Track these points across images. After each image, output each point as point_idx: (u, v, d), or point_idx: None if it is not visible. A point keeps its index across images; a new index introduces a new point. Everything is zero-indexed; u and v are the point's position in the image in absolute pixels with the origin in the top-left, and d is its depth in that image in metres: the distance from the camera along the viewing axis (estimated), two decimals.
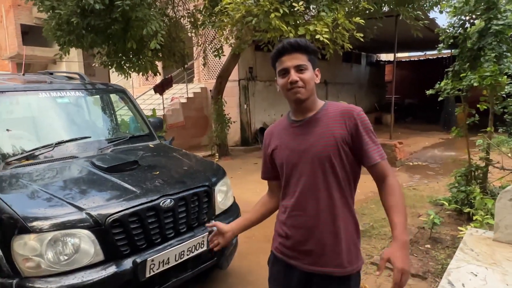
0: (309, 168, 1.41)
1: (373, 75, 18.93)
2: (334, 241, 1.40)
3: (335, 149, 1.38)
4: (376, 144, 1.41)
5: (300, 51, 1.41)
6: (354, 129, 1.38)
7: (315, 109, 1.45)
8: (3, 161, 2.61)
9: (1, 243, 1.99)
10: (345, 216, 1.42)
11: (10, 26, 16.96)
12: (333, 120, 1.40)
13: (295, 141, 1.45)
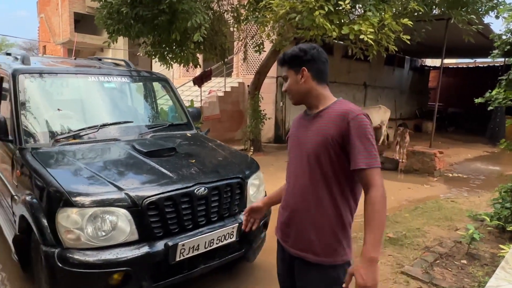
0: (301, 160, 1.53)
1: (416, 81, 18.18)
2: (310, 230, 1.49)
3: (324, 148, 1.44)
4: (367, 150, 1.38)
5: (283, 64, 1.59)
6: (346, 131, 1.40)
7: (321, 106, 1.54)
8: (53, 138, 2.78)
9: (46, 214, 2.12)
10: (327, 210, 1.47)
11: (64, 13, 17.96)
12: (330, 120, 1.46)
13: (300, 132, 1.58)
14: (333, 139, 1.42)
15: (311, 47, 1.56)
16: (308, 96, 1.56)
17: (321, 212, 1.47)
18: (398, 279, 3.04)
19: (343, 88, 13.34)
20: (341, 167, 1.44)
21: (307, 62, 1.54)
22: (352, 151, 1.39)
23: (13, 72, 2.96)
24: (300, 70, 1.54)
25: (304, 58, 1.53)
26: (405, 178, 7.01)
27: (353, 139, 1.38)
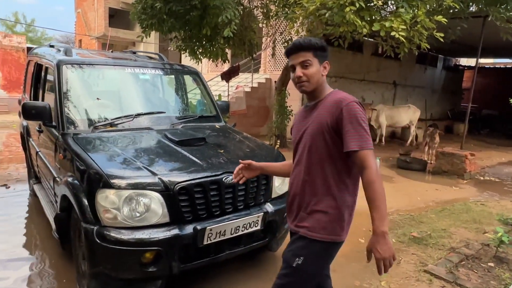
0: (302, 146, 1.67)
1: (449, 80, 17.56)
2: (300, 202, 1.67)
3: (320, 134, 1.57)
4: (359, 133, 1.48)
5: (304, 50, 1.59)
6: (339, 117, 1.52)
7: (321, 97, 1.65)
8: (92, 125, 2.97)
9: (87, 194, 2.29)
10: (318, 186, 1.61)
11: (100, 9, 18.63)
12: (326, 108, 1.58)
13: (302, 122, 1.71)
14: (328, 125, 1.55)
15: (319, 39, 1.67)
16: (320, 87, 1.65)
17: (313, 194, 1.62)
18: (421, 277, 3.03)
19: (371, 86, 13.13)
20: (337, 150, 1.56)
21: (328, 56, 1.66)
22: (345, 134, 1.50)
23: (57, 63, 3.17)
24: (323, 61, 1.63)
25: (327, 51, 1.64)
26: (433, 180, 6.85)
27: (346, 123, 1.50)
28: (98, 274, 2.24)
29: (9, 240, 3.45)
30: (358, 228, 4.12)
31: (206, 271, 2.91)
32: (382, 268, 1.45)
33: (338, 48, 9.06)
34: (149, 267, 2.21)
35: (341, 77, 11.90)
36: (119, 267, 2.20)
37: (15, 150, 7.42)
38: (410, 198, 5.46)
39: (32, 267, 3.01)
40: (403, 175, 7.04)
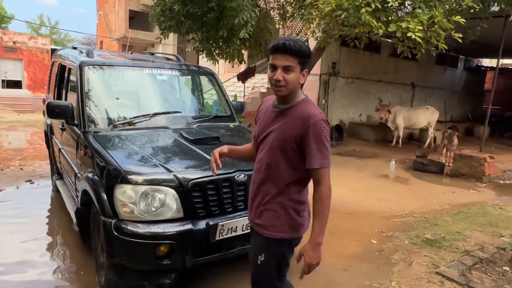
0: (265, 147, 1.71)
1: (470, 82, 17.15)
2: (257, 199, 1.75)
3: (284, 142, 1.63)
4: (321, 152, 1.58)
5: (291, 53, 1.56)
6: (305, 134, 1.58)
7: (292, 103, 1.67)
8: (111, 124, 3.10)
9: (106, 189, 2.40)
10: (275, 187, 1.70)
11: (120, 11, 19.08)
12: (294, 120, 1.62)
13: (268, 123, 1.73)
14: (293, 138, 1.61)
15: (302, 42, 1.61)
16: (293, 93, 1.66)
17: (269, 194, 1.71)
18: (432, 279, 3.03)
19: (389, 87, 12.98)
20: (296, 160, 1.64)
21: (308, 59, 1.63)
22: (308, 152, 1.59)
23: (80, 64, 3.32)
24: (304, 69, 1.63)
25: (308, 54, 1.61)
26: (450, 182, 6.74)
27: (311, 141, 1.57)
28: (115, 266, 2.35)
29: (33, 233, 3.62)
30: (370, 230, 4.12)
31: (218, 268, 2.99)
32: (305, 271, 1.63)
33: (354, 49, 9.04)
34: (164, 260, 2.31)
35: (358, 78, 11.82)
36: (135, 259, 2.31)
37: (39, 147, 7.72)
38: (425, 201, 5.40)
39: (54, 259, 3.16)
40: (419, 177, 6.95)
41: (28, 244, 3.35)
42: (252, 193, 1.81)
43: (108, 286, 2.43)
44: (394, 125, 10.69)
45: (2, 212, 4.12)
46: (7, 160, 6.59)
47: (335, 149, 9.64)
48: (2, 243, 3.34)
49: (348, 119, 11.89)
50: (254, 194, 1.78)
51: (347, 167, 7.47)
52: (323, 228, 1.60)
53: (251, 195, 1.82)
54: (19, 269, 2.93)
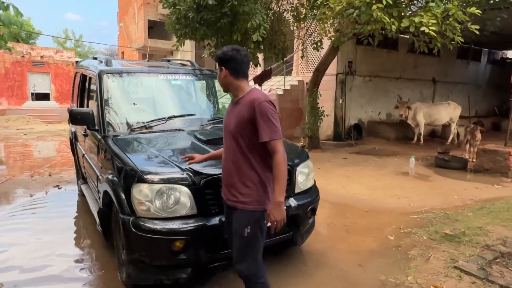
0: (228, 138, 2.10)
1: (495, 75, 16.55)
2: (236, 187, 2.06)
3: (241, 127, 2.00)
4: (269, 126, 1.92)
5: (217, 62, 2.12)
6: (253, 114, 1.95)
7: (240, 95, 2.08)
8: (129, 128, 3.26)
9: (124, 188, 2.54)
10: (244, 168, 2.03)
11: (140, 21, 19.66)
12: (244, 106, 2.00)
13: (229, 115, 2.12)
14: (245, 120, 1.97)
15: (231, 49, 2.06)
16: (229, 88, 2.11)
17: (242, 175, 2.04)
18: (450, 273, 2.99)
19: (409, 84, 12.75)
20: (255, 139, 1.97)
21: (226, 62, 2.06)
22: (258, 128, 1.94)
23: (99, 73, 3.50)
24: (221, 68, 2.08)
25: (223, 58, 2.06)
26: (474, 178, 6.56)
27: (259, 119, 1.93)
28: (135, 261, 2.48)
29: (60, 233, 3.83)
30: (388, 226, 4.10)
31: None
32: (273, 229, 1.96)
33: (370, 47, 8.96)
34: (179, 255, 2.41)
35: (376, 76, 11.68)
36: (152, 254, 2.42)
37: (66, 155, 8.09)
38: (446, 197, 5.29)
39: (79, 258, 3.33)
40: (441, 174, 6.80)
41: (55, 244, 3.55)
42: (225, 176, 2.18)
43: (129, 280, 2.56)
44: (415, 122, 10.50)
45: (32, 215, 4.36)
46: (37, 168, 6.95)
47: (354, 148, 9.56)
48: (31, 243, 3.56)
49: (367, 118, 11.76)
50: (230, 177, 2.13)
51: (366, 165, 7.41)
52: (282, 189, 1.92)
53: (224, 178, 2.19)
54: (47, 267, 3.12)
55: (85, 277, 3.00)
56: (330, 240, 3.76)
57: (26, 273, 3.02)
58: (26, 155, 8.69)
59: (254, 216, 2.03)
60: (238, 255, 2.09)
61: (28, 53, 18.60)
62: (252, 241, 2.05)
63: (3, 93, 18.04)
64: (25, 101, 18.65)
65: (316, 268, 3.13)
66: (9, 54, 17.50)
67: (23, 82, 18.51)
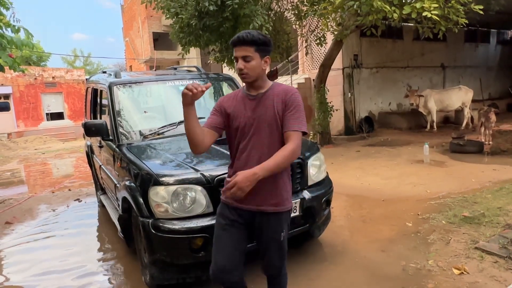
0: (258, 131, 1.83)
1: (506, 55, 16.19)
2: (268, 188, 1.83)
3: (275, 119, 1.80)
4: (301, 117, 1.79)
5: (247, 44, 1.74)
6: (287, 104, 1.79)
7: (265, 88, 1.86)
8: (142, 135, 3.35)
9: (141, 192, 2.62)
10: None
11: (145, 35, 20.02)
12: (278, 96, 1.82)
13: (251, 110, 1.85)
14: (281, 112, 1.80)
15: (270, 37, 1.84)
16: (260, 79, 1.84)
17: (280, 172, 1.85)
18: (471, 255, 2.97)
19: (417, 72, 12.61)
20: (281, 131, 1.81)
21: (270, 52, 1.84)
22: (289, 118, 1.78)
23: (109, 85, 3.62)
24: (265, 56, 1.80)
25: (270, 47, 1.82)
26: (491, 160, 6.45)
27: (292, 109, 1.78)
28: (157, 261, 2.55)
29: (83, 242, 3.95)
30: (405, 213, 4.08)
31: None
32: (228, 187, 1.65)
33: (375, 38, 8.94)
34: (199, 252, 2.47)
35: (383, 67, 11.60)
36: (173, 254, 2.49)
37: (84, 170, 8.29)
38: (464, 181, 5.22)
39: (103, 264, 3.43)
40: (457, 159, 6.71)
41: (79, 253, 3.66)
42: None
43: (152, 281, 2.63)
44: (426, 110, 10.38)
45: (56, 228, 4.50)
46: (57, 184, 7.15)
47: (366, 141, 9.51)
48: (57, 254, 3.68)
49: (377, 110, 11.67)
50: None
51: (379, 156, 7.36)
52: (269, 168, 1.68)
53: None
54: (73, 274, 3.22)
55: (110, 282, 3.09)
56: (348, 231, 3.77)
57: (52, 280, 3.13)
58: (46, 173, 8.95)
59: (287, 216, 1.96)
60: (277, 258, 2.00)
61: (40, 75, 19.13)
62: (285, 241, 1.99)
63: (19, 115, 18.60)
64: (41, 121, 19.17)
65: (337, 257, 3.16)
66: (23, 78, 18.05)
67: (38, 104, 19.04)
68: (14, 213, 5.25)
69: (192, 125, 1.81)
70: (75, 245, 3.90)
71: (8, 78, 17.79)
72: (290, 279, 2.24)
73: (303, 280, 2.82)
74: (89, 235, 4.24)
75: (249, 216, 1.91)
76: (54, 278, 3.20)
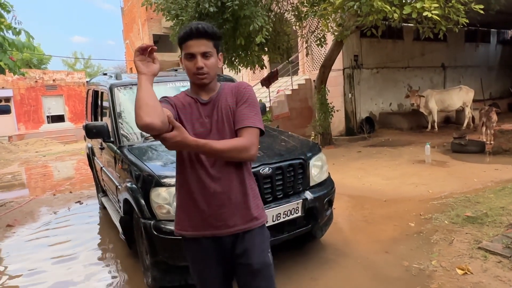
0: (220, 137, 1.48)
1: (507, 55, 16.19)
2: (244, 204, 1.53)
3: (231, 122, 1.51)
4: (257, 113, 1.51)
5: (207, 37, 1.47)
6: (239, 99, 1.52)
7: (216, 89, 1.57)
8: (143, 137, 3.34)
9: (143, 194, 2.61)
10: (246, 177, 1.55)
11: (145, 37, 20.05)
12: (227, 95, 1.54)
13: (205, 118, 1.52)
14: (232, 111, 1.52)
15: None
16: (215, 80, 1.56)
17: (247, 181, 1.54)
18: (475, 255, 2.95)
19: (417, 72, 12.61)
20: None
21: (219, 43, 1.55)
22: (242, 113, 1.49)
23: (110, 87, 3.61)
24: (219, 53, 1.54)
25: (221, 41, 1.56)
26: (493, 160, 6.44)
27: (245, 103, 1.51)
28: (158, 263, 2.54)
29: (84, 245, 3.93)
30: (407, 213, 4.07)
31: None
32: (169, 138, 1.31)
33: (375, 38, 8.92)
34: None
35: (383, 67, 11.60)
36: (175, 255, 2.48)
37: (85, 172, 8.29)
38: (466, 181, 5.20)
39: (105, 266, 3.42)
40: (458, 158, 6.69)
41: (82, 255, 3.65)
42: (218, 202, 1.50)
43: (154, 283, 2.62)
44: (427, 110, 10.37)
45: (58, 231, 4.49)
46: (58, 186, 7.15)
47: (367, 141, 9.49)
48: (57, 256, 3.67)
49: (378, 110, 11.67)
50: (225, 198, 1.50)
51: (381, 157, 7.35)
52: (215, 147, 1.38)
53: (214, 206, 1.50)
54: (73, 276, 3.21)
55: (111, 285, 3.08)
56: (351, 232, 3.75)
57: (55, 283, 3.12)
58: (47, 175, 8.95)
59: (265, 232, 1.62)
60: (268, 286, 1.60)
61: (41, 78, 19.16)
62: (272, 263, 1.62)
63: (20, 118, 18.62)
64: (42, 124, 19.20)
65: (340, 257, 3.14)
66: (23, 81, 18.08)
67: (38, 106, 19.07)
68: (15, 215, 5.24)
69: (150, 92, 1.40)
70: (76, 247, 3.89)
71: (9, 81, 17.82)
72: (293, 279, 2.23)
73: (305, 280, 2.81)
74: (90, 237, 4.22)
75: (226, 244, 1.55)
76: (55, 279, 3.19)
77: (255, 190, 1.60)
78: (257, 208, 1.58)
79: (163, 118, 1.30)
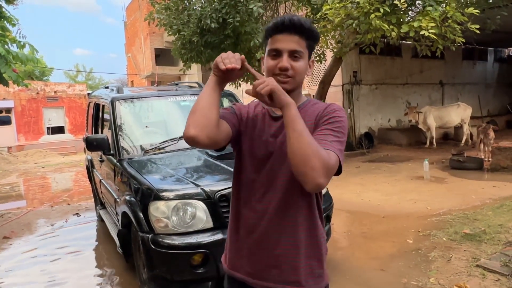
0: (280, 163, 1.17)
1: (504, 73, 16.41)
2: (292, 255, 1.18)
3: None
4: (329, 135, 1.10)
5: (301, 34, 1.15)
6: (318, 120, 1.17)
7: (298, 103, 1.20)
8: (143, 150, 3.37)
9: (141, 207, 2.62)
10: (308, 225, 1.19)
11: (147, 50, 20.30)
12: (308, 117, 1.18)
13: (271, 134, 1.22)
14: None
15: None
16: (297, 90, 1.23)
17: (303, 229, 1.18)
18: (473, 272, 2.94)
19: (416, 89, 12.75)
20: None
21: (313, 45, 1.24)
22: (320, 133, 1.13)
23: (111, 100, 3.66)
24: (310, 58, 1.24)
25: (316, 43, 1.25)
26: (491, 177, 6.45)
27: (329, 126, 1.13)
28: (156, 277, 2.53)
29: (81, 258, 3.91)
30: (406, 230, 4.06)
31: None
32: (258, 83, 1.04)
33: (374, 55, 9.06)
34: (199, 268, 2.45)
35: (382, 84, 11.73)
36: (172, 270, 2.47)
37: (83, 184, 8.27)
38: (464, 197, 5.21)
39: (101, 281, 3.39)
40: (457, 175, 6.71)
41: (78, 268, 3.62)
42: (259, 240, 1.21)
43: None
44: (426, 126, 10.43)
45: (54, 243, 4.46)
46: (56, 198, 7.12)
47: (366, 157, 9.52)
48: (54, 268, 3.64)
49: (376, 126, 11.74)
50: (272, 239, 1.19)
51: (380, 172, 7.36)
52: (300, 124, 1.01)
53: (256, 244, 1.21)
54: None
55: None
56: (349, 248, 3.74)
57: None
58: (45, 187, 8.92)
59: None
60: None
61: (43, 90, 19.29)
62: None
63: (20, 129, 18.66)
64: (41, 135, 19.22)
65: (337, 275, 3.12)
66: (25, 92, 18.20)
67: (39, 118, 19.13)
68: (12, 227, 5.21)
69: (211, 98, 1.14)
70: (73, 261, 3.86)
71: (10, 92, 17.93)
72: None
73: None
74: (87, 250, 4.20)
75: None
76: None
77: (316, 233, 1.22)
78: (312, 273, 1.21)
79: (214, 134, 1.10)
